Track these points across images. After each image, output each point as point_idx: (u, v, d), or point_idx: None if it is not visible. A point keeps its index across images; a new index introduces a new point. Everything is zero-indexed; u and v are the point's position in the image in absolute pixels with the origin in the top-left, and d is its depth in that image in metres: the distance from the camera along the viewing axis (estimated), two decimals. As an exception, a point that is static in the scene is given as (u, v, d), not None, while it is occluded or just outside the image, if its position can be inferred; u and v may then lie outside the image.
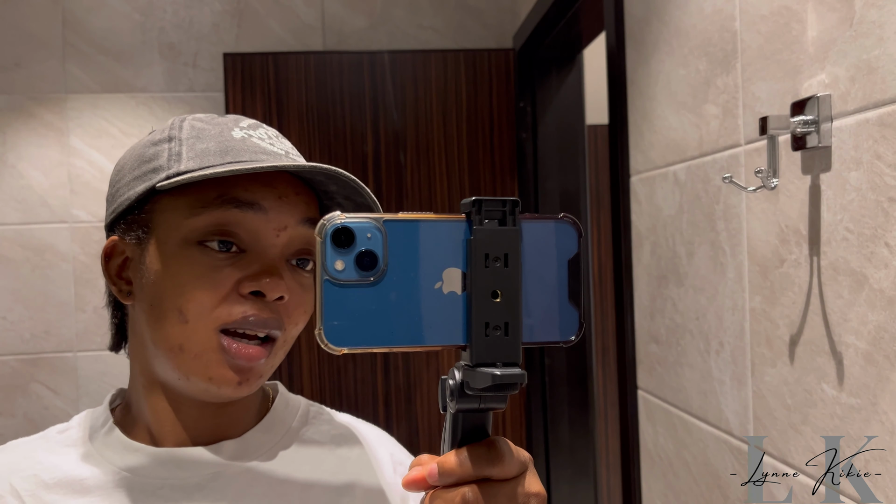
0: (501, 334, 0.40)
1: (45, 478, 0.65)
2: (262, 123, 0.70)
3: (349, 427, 0.76)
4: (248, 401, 0.70)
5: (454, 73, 2.39)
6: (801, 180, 0.94)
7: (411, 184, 2.38)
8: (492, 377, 0.39)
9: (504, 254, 0.40)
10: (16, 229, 2.40)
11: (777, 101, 0.99)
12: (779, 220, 1.00)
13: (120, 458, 0.66)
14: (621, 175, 1.54)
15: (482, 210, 0.40)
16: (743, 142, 1.08)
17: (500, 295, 0.40)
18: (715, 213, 1.18)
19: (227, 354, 0.61)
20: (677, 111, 1.29)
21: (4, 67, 2.39)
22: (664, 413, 1.40)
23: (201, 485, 0.65)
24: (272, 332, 0.63)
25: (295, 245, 0.65)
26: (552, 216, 0.42)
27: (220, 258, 0.62)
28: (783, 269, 0.99)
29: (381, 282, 0.40)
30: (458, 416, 0.42)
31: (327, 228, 0.39)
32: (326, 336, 0.39)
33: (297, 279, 0.65)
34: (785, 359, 1.00)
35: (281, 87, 2.35)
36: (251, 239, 0.63)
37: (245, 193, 0.62)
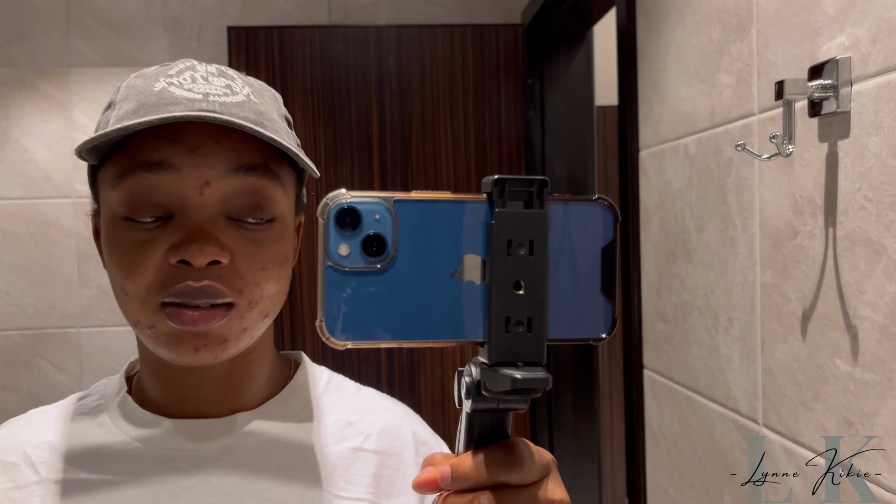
0: (524, 330, 0.36)
1: (59, 444, 0.64)
2: (198, 65, 0.62)
3: (372, 401, 0.73)
4: (253, 368, 0.66)
5: (461, 48, 2.35)
6: (818, 148, 0.91)
7: (416, 162, 2.35)
8: (511, 380, 0.35)
9: (529, 240, 0.36)
10: (19, 204, 2.39)
11: (794, 67, 0.95)
12: (793, 190, 0.96)
13: (133, 428, 0.65)
14: (630, 150, 1.50)
15: (506, 190, 0.36)
16: (757, 111, 1.05)
17: (523, 286, 0.36)
18: (726, 186, 1.14)
19: (174, 322, 0.57)
20: (688, 82, 1.25)
21: (8, 40, 2.37)
22: (670, 392, 1.38)
23: (214, 457, 0.63)
24: (217, 300, 0.58)
25: (235, 200, 0.59)
26: (585, 198, 0.38)
27: (147, 229, 0.58)
28: (797, 241, 0.96)
29: (391, 269, 0.36)
30: (474, 415, 0.39)
31: (330, 209, 0.35)
32: (328, 328, 0.35)
33: (245, 235, 0.59)
34: (797, 334, 0.96)
35: (285, 62, 2.31)
36: (174, 202, 0.58)
37: (152, 154, 0.57)
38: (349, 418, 0.70)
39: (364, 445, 0.68)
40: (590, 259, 0.38)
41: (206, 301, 0.57)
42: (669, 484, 1.40)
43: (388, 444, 0.69)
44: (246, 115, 0.58)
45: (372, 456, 0.68)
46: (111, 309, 2.41)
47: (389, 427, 0.70)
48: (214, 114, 0.56)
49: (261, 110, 0.60)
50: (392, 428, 0.70)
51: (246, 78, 0.64)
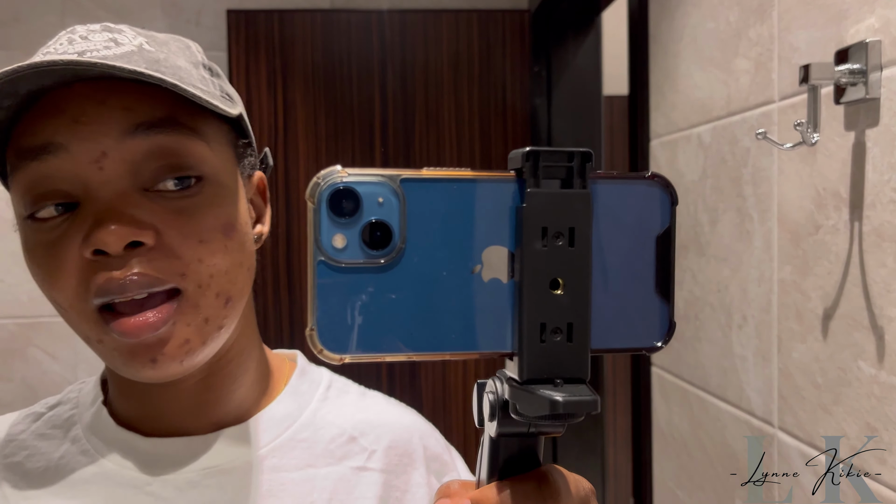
0: (563, 339, 0.30)
1: (29, 466, 0.57)
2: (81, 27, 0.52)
3: (377, 410, 0.64)
4: (232, 373, 0.57)
5: (466, 34, 2.29)
6: (843, 137, 0.86)
7: (419, 150, 2.29)
8: (551, 403, 0.28)
9: (569, 227, 0.30)
10: (13, 189, 2.34)
11: (819, 51, 0.90)
12: (815, 182, 0.91)
13: (108, 448, 0.57)
14: (640, 139, 1.45)
15: (540, 165, 0.30)
16: (777, 98, 0.99)
17: (562, 284, 0.30)
18: (742, 178, 1.09)
19: (116, 332, 0.48)
20: (704, 68, 1.20)
21: (3, 22, 2.32)
22: (680, 391, 1.33)
23: (196, 482, 0.55)
24: (154, 288, 0.48)
25: (146, 166, 0.49)
26: (636, 175, 0.32)
27: (54, 226, 0.49)
28: (818, 235, 0.91)
29: (397, 265, 0.30)
30: (500, 440, 0.32)
31: (322, 190, 0.29)
32: (321, 338, 0.29)
33: (170, 206, 0.49)
34: (817, 334, 0.91)
35: (286, 47, 2.26)
36: (75, 188, 0.49)
37: (33, 138, 0.49)
38: (351, 432, 0.61)
39: (368, 464, 0.60)
40: (642, 251, 0.32)
41: (140, 293, 0.48)
42: (677, 485, 1.35)
43: (396, 461, 0.61)
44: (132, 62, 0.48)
45: (377, 476, 0.60)
46: (107, 297, 2.37)
47: (397, 442, 0.62)
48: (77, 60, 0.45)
49: (157, 58, 0.50)
50: (400, 443, 0.62)
51: (148, 33, 0.55)
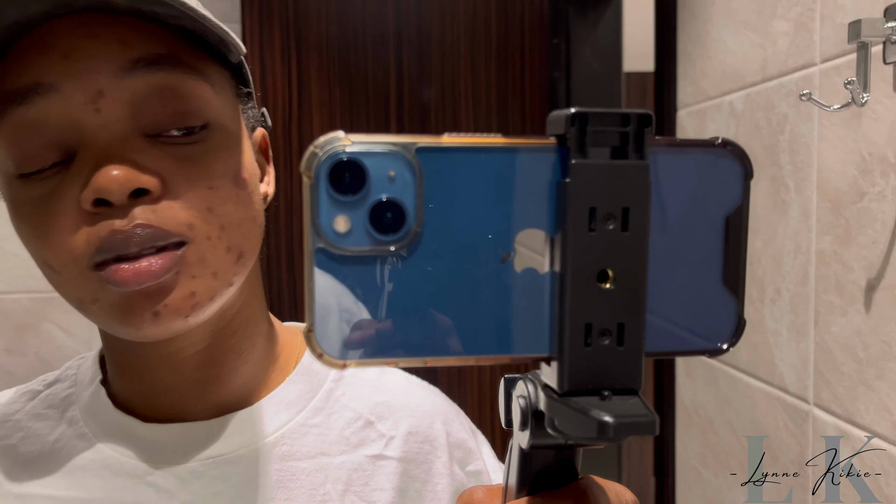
0: (613, 343, 0.24)
1: (24, 450, 0.53)
2: None
3: (397, 391, 0.59)
4: (237, 346, 0.52)
5: (484, 6, 2.24)
6: (892, 99, 0.81)
7: (435, 124, 2.25)
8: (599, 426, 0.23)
9: (623, 207, 0.24)
10: (25, 163, 2.32)
11: (866, 9, 0.85)
12: (860, 147, 0.87)
13: (105, 432, 0.52)
14: (667, 109, 1.41)
15: (587, 131, 0.23)
16: (819, 60, 0.95)
17: (612, 277, 0.24)
18: (778, 145, 1.05)
19: (115, 284, 0.43)
20: (737, 32, 1.15)
21: None
22: (705, 367, 1.29)
23: (199, 472, 0.51)
24: (160, 241, 0.43)
25: (148, 108, 0.44)
26: (703, 142, 0.25)
27: (48, 179, 0.44)
28: (862, 203, 0.87)
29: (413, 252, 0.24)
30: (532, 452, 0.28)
31: (321, 161, 0.23)
32: (320, 341, 0.24)
33: (175, 153, 0.44)
34: (859, 306, 0.88)
35: (300, 20, 2.22)
36: (69, 133, 0.43)
37: (15, 78, 0.43)
38: (368, 416, 0.56)
39: (386, 452, 0.55)
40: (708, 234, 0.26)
41: (148, 247, 0.43)
42: (702, 464, 1.32)
43: (416, 448, 0.56)
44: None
45: (395, 464, 0.55)
46: (120, 273, 2.35)
47: (418, 427, 0.57)
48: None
49: None
50: (421, 428, 0.57)
51: None
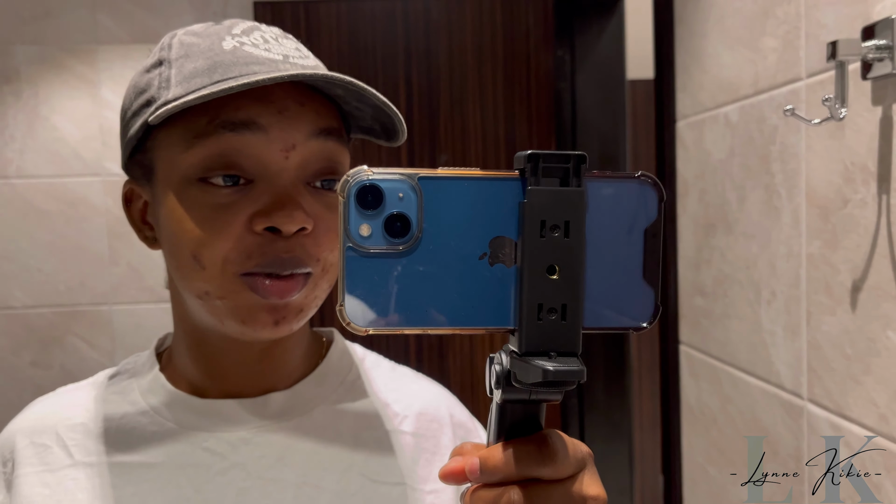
0: (558, 318, 0.34)
1: (91, 426, 0.62)
2: (260, 25, 0.60)
3: (407, 381, 0.70)
4: (292, 345, 0.64)
5: (490, 19, 2.30)
6: (871, 112, 0.87)
7: (444, 136, 2.32)
8: (543, 372, 0.32)
9: (565, 220, 0.33)
10: (49, 182, 2.40)
11: (846, 28, 0.91)
12: (843, 157, 0.92)
13: (167, 408, 0.62)
14: (666, 121, 1.46)
15: (540, 166, 0.33)
16: (804, 75, 1.00)
17: (558, 270, 0.34)
18: (770, 155, 1.10)
19: (257, 293, 0.54)
20: (731, 47, 1.21)
21: (35, 17, 2.37)
22: (709, 368, 1.35)
23: (247, 439, 0.61)
24: (298, 269, 0.55)
25: (313, 164, 0.57)
26: (627, 175, 0.35)
27: (225, 194, 0.54)
28: (847, 210, 0.92)
29: (415, 251, 0.34)
30: (505, 406, 0.37)
31: (351, 186, 0.33)
32: (349, 314, 0.34)
33: (323, 201, 0.57)
34: (846, 306, 0.93)
35: (312, 37, 2.29)
36: (257, 166, 0.55)
37: (237, 113, 0.54)
38: (385, 399, 0.67)
39: (401, 427, 0.65)
40: (631, 241, 0.35)
41: (290, 271, 0.54)
42: (707, 461, 1.37)
43: (426, 426, 0.66)
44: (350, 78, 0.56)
45: (409, 438, 0.65)
46: (142, 286, 2.43)
47: (426, 409, 0.67)
48: (311, 72, 0.53)
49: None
50: (429, 410, 0.67)
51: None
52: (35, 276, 2.41)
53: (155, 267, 2.43)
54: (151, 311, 2.42)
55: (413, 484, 0.62)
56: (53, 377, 2.43)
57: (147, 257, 2.42)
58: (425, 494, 0.62)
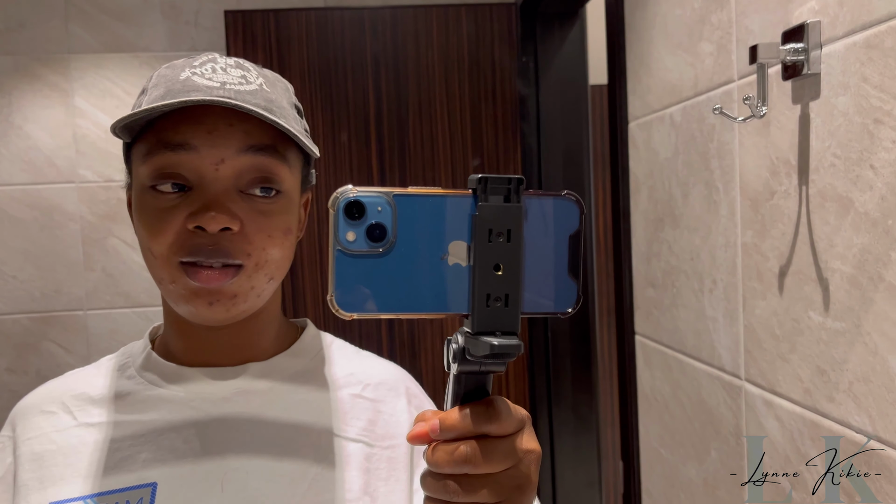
0: (502, 305, 0.42)
1: (93, 394, 0.73)
2: (220, 57, 0.70)
3: (371, 360, 0.81)
4: (261, 327, 0.74)
5: (455, 28, 2.37)
6: (792, 110, 0.94)
7: (413, 141, 2.38)
8: (490, 346, 0.40)
9: (507, 229, 0.41)
10: (24, 189, 2.43)
11: (770, 33, 0.99)
12: (770, 152, 1.00)
13: (157, 377, 0.73)
14: (619, 122, 1.54)
15: (488, 187, 0.41)
16: (736, 77, 1.08)
17: (502, 268, 0.41)
18: (709, 152, 1.18)
19: (191, 279, 0.65)
20: (673, 52, 1.29)
21: (8, 28, 2.40)
22: (660, 356, 1.42)
23: (228, 398, 0.71)
24: (228, 261, 0.65)
25: (245, 175, 0.66)
26: (555, 193, 0.43)
27: (170, 199, 0.65)
28: (773, 201, 1.00)
29: (390, 253, 0.41)
30: (460, 376, 0.44)
31: (340, 201, 0.41)
32: (338, 302, 0.41)
33: (254, 206, 0.66)
34: (774, 290, 1.01)
35: (283, 45, 2.34)
36: (194, 177, 0.65)
37: (175, 135, 0.65)
38: (350, 370, 0.77)
39: (363, 393, 0.76)
40: (559, 245, 0.43)
41: (218, 261, 0.64)
42: (661, 444, 1.44)
43: (384, 394, 0.76)
44: (257, 102, 0.66)
45: (369, 403, 0.75)
46: (117, 291, 2.46)
47: (386, 380, 0.78)
48: (229, 100, 0.63)
49: (271, 98, 0.68)
50: (388, 381, 0.78)
51: (261, 70, 0.72)
52: (10, 283, 2.43)
53: (129, 272, 2.46)
54: (126, 315, 2.46)
55: (371, 441, 0.73)
56: (29, 382, 2.45)
57: (121, 263, 2.46)
58: (382, 450, 0.73)
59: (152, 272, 0.68)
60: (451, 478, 0.43)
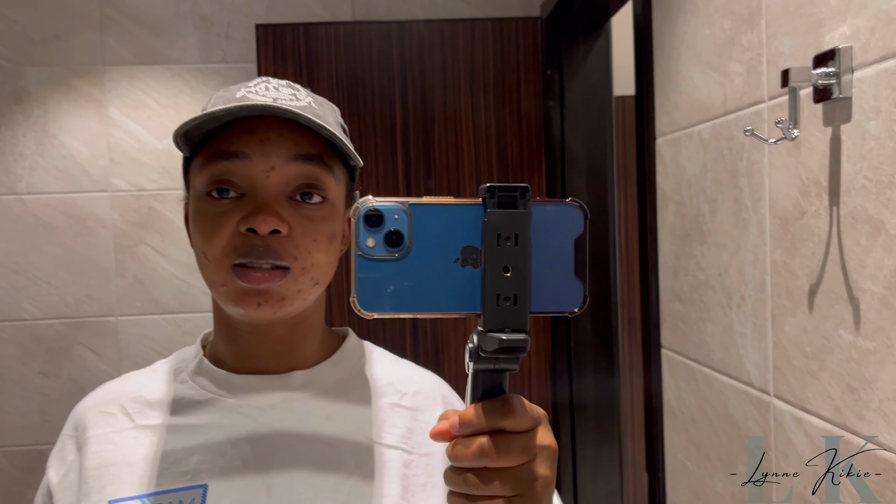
0: (511, 304, 0.44)
1: (149, 397, 0.78)
2: (273, 79, 0.75)
3: (409, 369, 0.85)
4: (305, 333, 0.78)
5: (482, 41, 2.41)
6: (823, 132, 0.96)
7: (439, 152, 2.41)
8: (499, 341, 0.44)
9: (514, 234, 0.44)
10: (59, 198, 2.49)
11: (800, 55, 1.01)
12: (800, 172, 1.02)
13: (209, 383, 0.77)
14: (647, 138, 1.56)
15: (496, 195, 0.45)
16: (766, 98, 1.10)
17: (510, 270, 0.44)
18: (738, 170, 1.20)
19: (242, 280, 0.69)
20: (702, 71, 1.31)
21: (45, 40, 2.46)
22: (687, 369, 1.44)
23: (274, 405, 0.76)
24: (277, 263, 0.69)
25: (293, 181, 0.71)
26: (561, 200, 0.46)
27: (223, 205, 0.70)
28: (804, 220, 1.02)
29: (407, 257, 0.45)
30: (477, 375, 0.47)
31: (360, 210, 0.45)
32: (359, 303, 0.45)
33: (301, 212, 0.71)
34: (804, 308, 1.02)
35: (312, 58, 2.39)
36: (246, 184, 0.70)
37: (230, 146, 0.70)
38: (389, 379, 0.81)
39: (401, 402, 0.79)
40: (565, 248, 0.46)
41: (267, 262, 0.69)
42: (687, 457, 1.46)
43: (422, 402, 0.80)
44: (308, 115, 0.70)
45: (407, 412, 0.79)
46: (147, 298, 2.51)
47: (423, 389, 0.82)
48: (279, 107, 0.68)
49: (319, 114, 0.73)
50: (425, 390, 0.82)
51: (310, 92, 0.77)
52: (44, 289, 2.49)
53: (159, 279, 2.51)
54: (155, 321, 2.50)
55: (409, 448, 0.76)
56: (61, 387, 2.50)
57: (151, 270, 2.51)
58: (420, 457, 0.76)
59: (205, 276, 0.72)
60: (470, 471, 0.46)
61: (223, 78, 2.49)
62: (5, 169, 2.46)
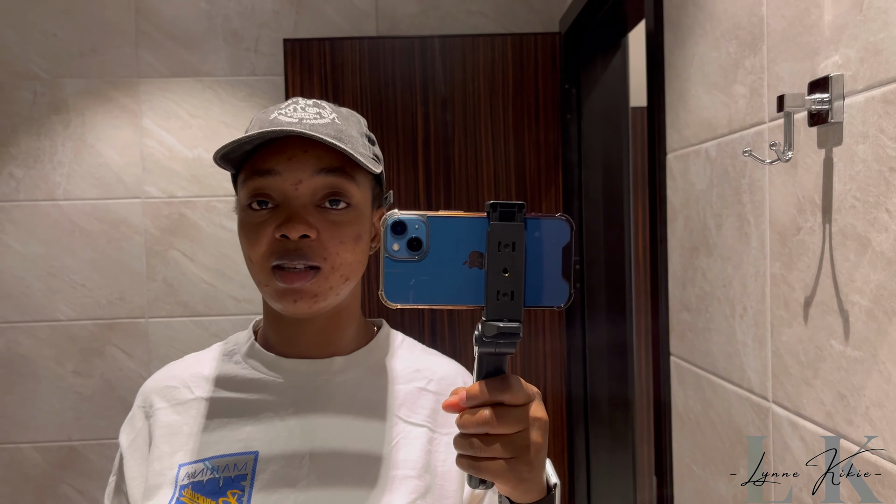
0: (508, 299, 0.54)
1: (207, 374, 0.89)
2: (301, 100, 0.85)
3: (436, 357, 0.95)
4: (343, 323, 0.88)
5: (501, 56, 2.48)
6: (817, 154, 1.02)
7: (458, 164, 2.49)
8: (497, 328, 0.54)
9: (512, 242, 0.54)
10: (93, 204, 2.60)
11: (797, 81, 1.07)
12: (797, 191, 1.08)
13: (260, 363, 0.88)
14: (658, 153, 1.62)
15: (497, 210, 0.55)
16: (767, 119, 1.16)
17: (508, 271, 0.54)
18: (741, 187, 1.26)
19: (279, 280, 0.79)
20: (709, 91, 1.37)
21: (82, 53, 2.58)
22: (693, 376, 1.50)
23: (317, 387, 0.86)
24: (308, 263, 0.79)
25: (319, 191, 0.80)
26: (551, 215, 0.56)
27: (262, 215, 0.80)
28: (799, 236, 1.08)
29: (425, 259, 0.55)
30: (482, 357, 0.57)
31: (388, 221, 0.55)
32: (386, 295, 0.55)
33: (328, 217, 0.80)
34: (800, 319, 1.08)
35: (337, 71, 2.48)
36: (279, 196, 0.80)
37: (263, 164, 0.80)
38: (417, 366, 0.91)
39: (427, 387, 0.89)
40: (554, 254, 0.56)
41: (300, 263, 0.79)
42: (693, 461, 1.52)
43: (446, 387, 0.90)
44: (327, 132, 0.80)
45: (432, 395, 0.89)
46: (176, 301, 2.61)
47: (447, 375, 0.92)
48: (302, 130, 0.77)
49: (341, 129, 0.83)
50: (449, 376, 0.92)
51: (337, 108, 0.87)
52: (79, 291, 2.60)
53: (187, 283, 2.61)
54: (184, 323, 2.60)
55: (433, 427, 0.87)
56: (94, 385, 2.61)
57: (181, 274, 2.60)
58: (442, 436, 0.87)
59: (253, 276, 0.83)
60: (474, 437, 0.56)
61: (252, 90, 2.58)
62: (44, 176, 2.58)
